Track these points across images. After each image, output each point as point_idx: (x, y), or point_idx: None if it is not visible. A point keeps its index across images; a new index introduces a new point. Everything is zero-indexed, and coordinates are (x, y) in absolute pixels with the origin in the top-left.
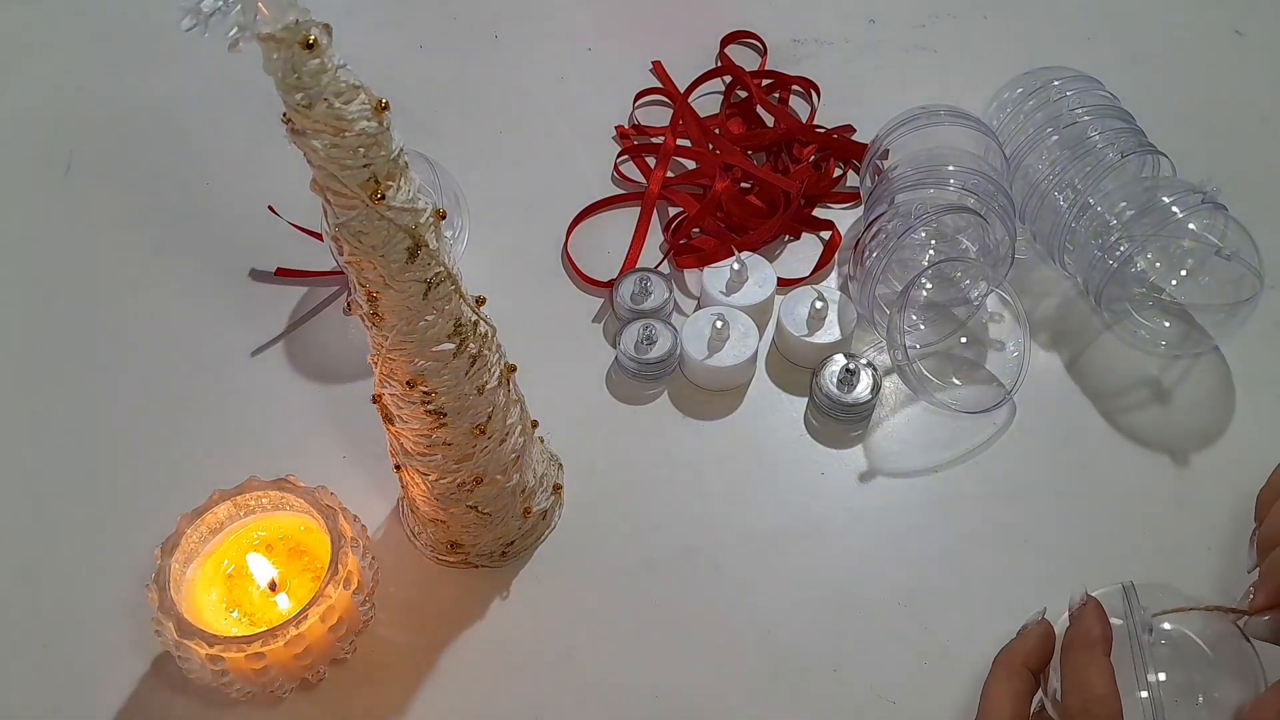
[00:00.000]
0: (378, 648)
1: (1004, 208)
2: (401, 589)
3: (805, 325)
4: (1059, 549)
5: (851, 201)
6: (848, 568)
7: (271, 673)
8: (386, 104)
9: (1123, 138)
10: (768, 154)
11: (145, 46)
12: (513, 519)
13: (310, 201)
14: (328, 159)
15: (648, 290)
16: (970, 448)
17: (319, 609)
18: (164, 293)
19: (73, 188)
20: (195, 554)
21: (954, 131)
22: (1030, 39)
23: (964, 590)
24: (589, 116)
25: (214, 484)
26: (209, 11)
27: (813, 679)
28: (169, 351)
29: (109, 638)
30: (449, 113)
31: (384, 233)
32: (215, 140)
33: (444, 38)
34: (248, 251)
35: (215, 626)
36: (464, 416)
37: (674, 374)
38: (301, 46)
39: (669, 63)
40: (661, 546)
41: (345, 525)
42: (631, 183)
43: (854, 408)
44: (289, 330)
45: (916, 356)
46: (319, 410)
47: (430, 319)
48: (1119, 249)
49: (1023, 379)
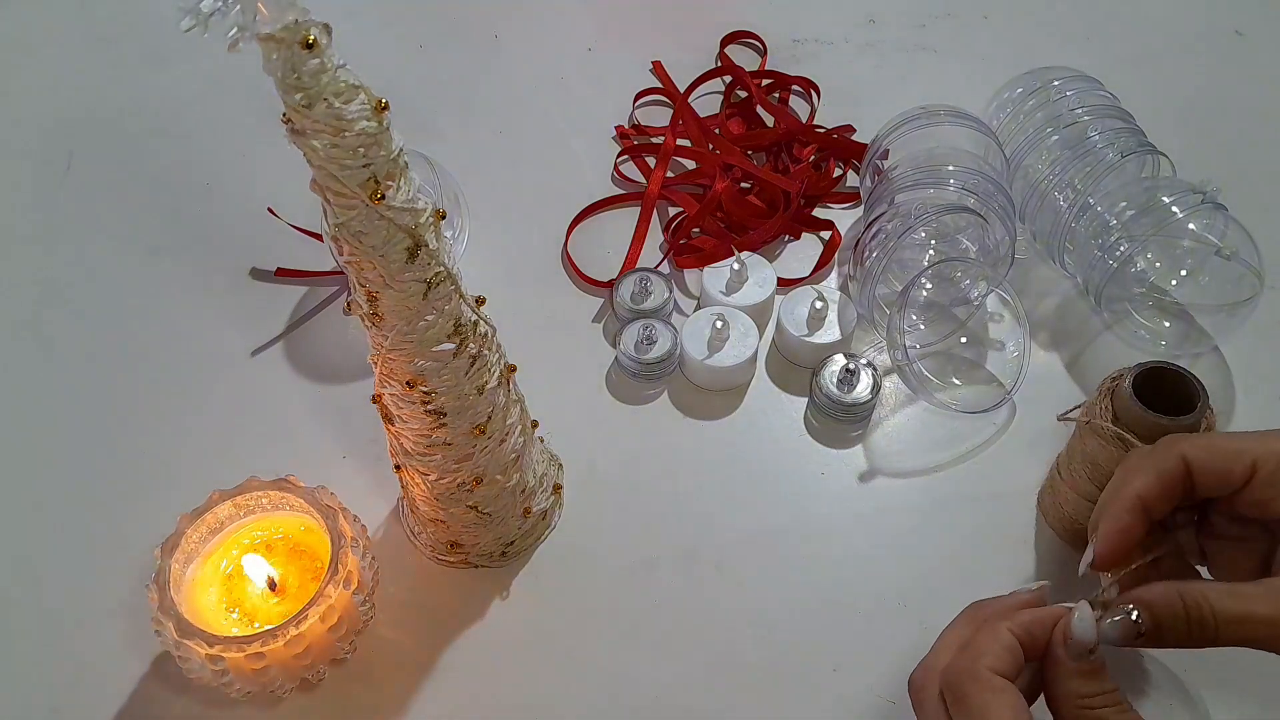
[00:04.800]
0: (378, 648)
1: (1004, 208)
2: (401, 589)
3: (805, 325)
4: (1059, 548)
5: (851, 201)
6: (848, 568)
7: (271, 673)
8: (386, 104)
9: (1123, 138)
10: (768, 154)
11: (145, 46)
12: (513, 519)
13: (310, 201)
14: (328, 159)
15: (648, 290)
16: (970, 448)
17: (319, 609)
18: (164, 293)
19: (73, 188)
20: (195, 554)
21: (954, 131)
22: (1030, 39)
23: (964, 590)
24: (589, 116)
25: (214, 484)
26: (209, 12)
27: (813, 679)
28: (169, 351)
29: (109, 638)
30: (449, 113)
31: (384, 233)
32: (215, 140)
33: (444, 38)
34: (248, 251)
35: (215, 626)
36: (464, 416)
37: (674, 374)
38: (301, 46)
39: (669, 63)
40: (661, 546)
41: (345, 525)
42: (631, 183)
43: (854, 408)
44: (289, 330)
45: (916, 356)
46: (319, 410)
47: (430, 319)
48: (1119, 249)
49: (1023, 379)
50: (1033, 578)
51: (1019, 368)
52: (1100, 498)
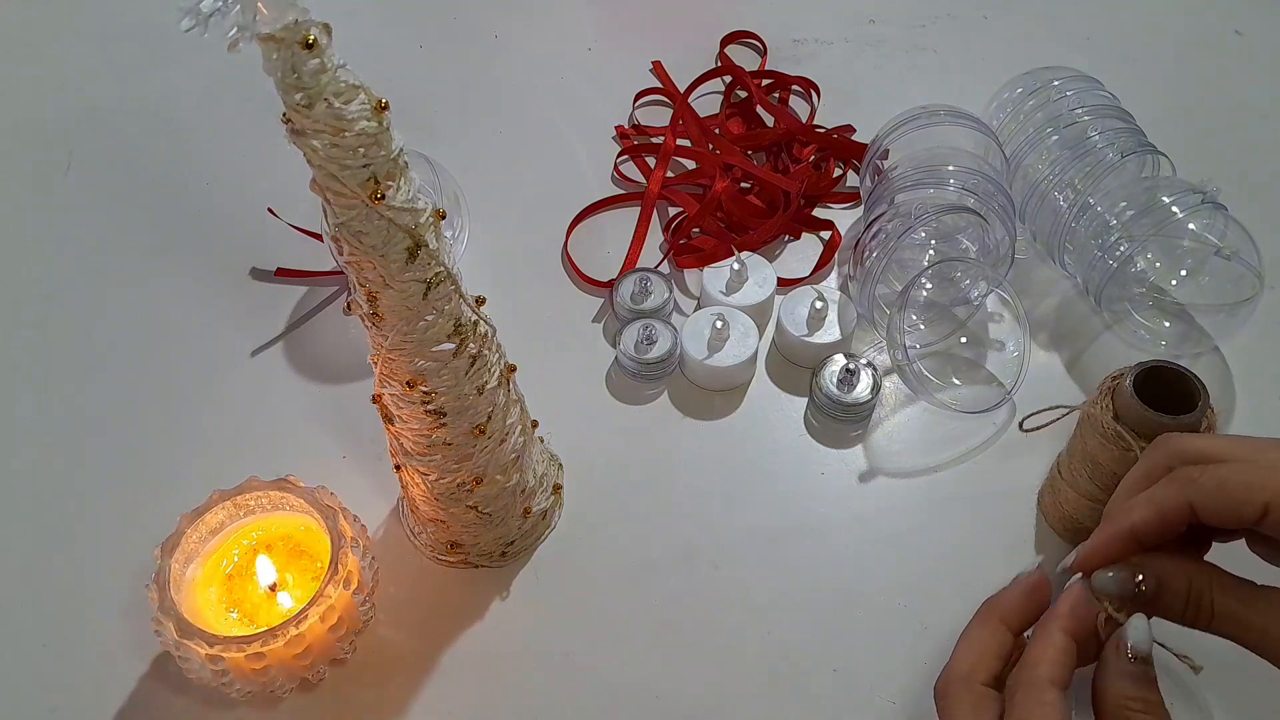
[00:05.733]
0: (378, 648)
1: (1004, 208)
2: (401, 589)
3: (805, 325)
4: (1060, 548)
5: (851, 201)
6: (848, 568)
7: (271, 673)
8: (386, 104)
9: (1123, 138)
10: (768, 154)
11: (145, 46)
12: (513, 519)
13: (310, 201)
14: (328, 159)
15: (648, 290)
16: (970, 448)
17: (319, 609)
18: (164, 293)
19: (73, 188)
20: (195, 554)
21: (954, 131)
22: (1030, 39)
23: (964, 590)
24: (589, 116)
25: (214, 484)
26: (209, 12)
27: (813, 679)
28: (169, 351)
29: (109, 638)
30: (449, 113)
31: (384, 233)
32: (215, 140)
33: (444, 38)
34: (248, 251)
35: (215, 626)
36: (464, 416)
37: (674, 374)
38: (301, 46)
39: (669, 63)
40: (661, 546)
41: (345, 525)
42: (631, 183)
43: (854, 408)
44: (289, 330)
45: (916, 356)
46: (319, 410)
47: (430, 319)
48: (1119, 249)
49: (1023, 379)
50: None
51: (1019, 368)
52: (1106, 508)
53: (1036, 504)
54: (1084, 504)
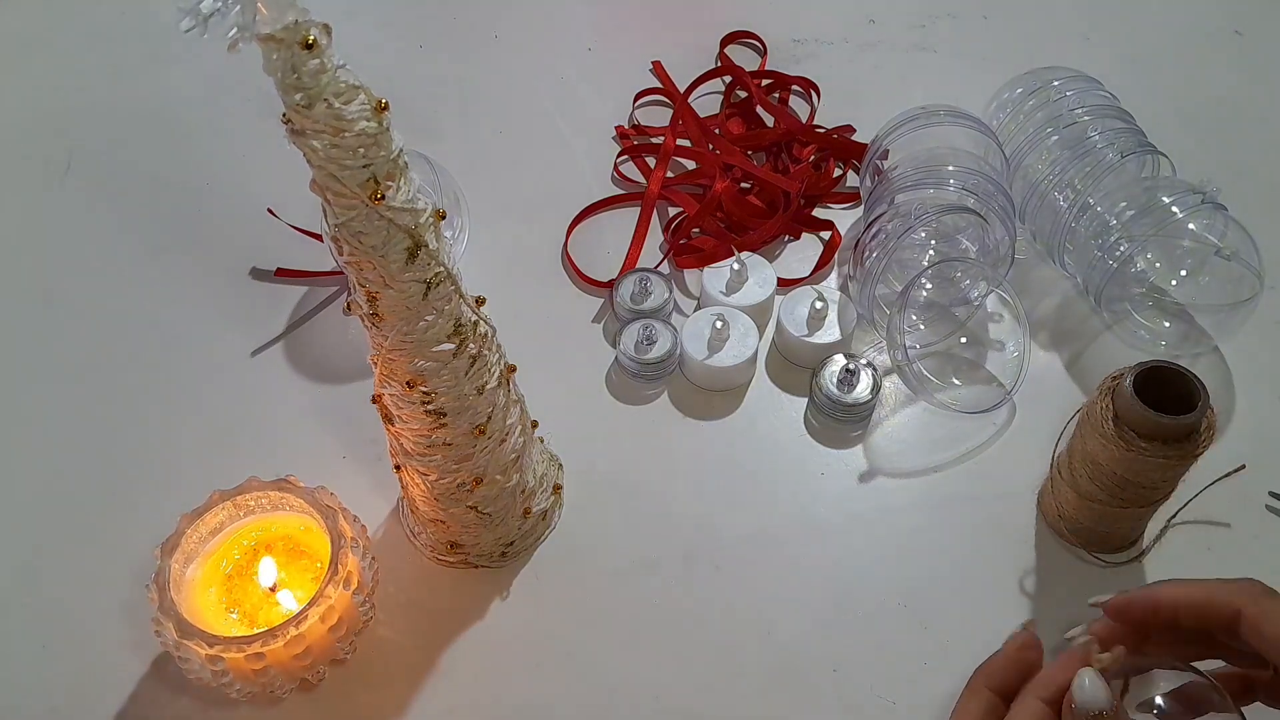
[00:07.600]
0: (378, 648)
1: (1004, 208)
2: (401, 589)
3: (805, 325)
4: (1060, 548)
5: (851, 201)
6: (848, 568)
7: (271, 673)
8: (386, 104)
9: (1123, 138)
10: (768, 154)
11: (145, 46)
12: (513, 519)
13: (310, 201)
14: (328, 159)
15: (648, 290)
16: (970, 448)
17: (319, 609)
18: (164, 293)
19: (73, 188)
20: (195, 554)
21: (954, 131)
22: (1030, 39)
23: (964, 590)
24: (589, 116)
25: (214, 484)
26: (208, 12)
27: (813, 679)
28: (169, 351)
29: (109, 638)
30: (449, 113)
31: (384, 233)
32: (215, 140)
33: (444, 38)
34: (248, 251)
35: (215, 626)
36: (464, 417)
37: (674, 374)
38: (301, 47)
39: (669, 63)
40: (661, 546)
41: (345, 525)
42: (631, 183)
43: (854, 408)
44: (289, 330)
45: (916, 356)
46: (319, 410)
47: (430, 319)
48: (1119, 249)
49: (1023, 379)
50: (1033, 578)
51: (1019, 368)
52: (1132, 594)
53: (1036, 504)
54: (1084, 504)
